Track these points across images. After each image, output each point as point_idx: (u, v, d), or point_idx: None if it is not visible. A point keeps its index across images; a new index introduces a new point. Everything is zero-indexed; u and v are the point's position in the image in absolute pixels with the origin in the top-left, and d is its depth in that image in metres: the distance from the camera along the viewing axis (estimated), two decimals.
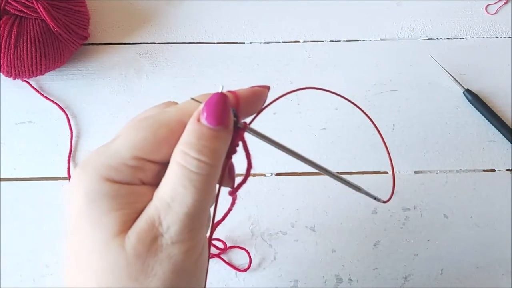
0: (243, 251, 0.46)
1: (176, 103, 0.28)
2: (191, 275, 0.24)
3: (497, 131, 0.50)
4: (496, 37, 0.55)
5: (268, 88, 0.29)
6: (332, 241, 0.47)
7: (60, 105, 0.51)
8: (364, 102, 0.52)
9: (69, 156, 0.49)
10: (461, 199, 0.48)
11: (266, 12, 0.56)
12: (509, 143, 0.50)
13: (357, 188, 0.32)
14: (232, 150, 0.26)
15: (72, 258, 0.24)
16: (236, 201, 0.28)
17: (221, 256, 0.46)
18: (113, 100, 0.52)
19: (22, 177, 0.49)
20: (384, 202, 0.34)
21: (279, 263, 0.46)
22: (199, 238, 0.24)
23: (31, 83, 0.52)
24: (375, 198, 0.33)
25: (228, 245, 0.46)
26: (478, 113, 0.51)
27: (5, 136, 0.50)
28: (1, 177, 0.49)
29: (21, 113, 0.51)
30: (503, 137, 0.50)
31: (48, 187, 0.48)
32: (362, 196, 0.47)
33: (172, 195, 0.23)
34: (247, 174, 0.27)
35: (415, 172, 0.49)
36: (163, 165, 0.25)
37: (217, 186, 0.27)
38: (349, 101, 0.33)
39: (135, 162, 0.24)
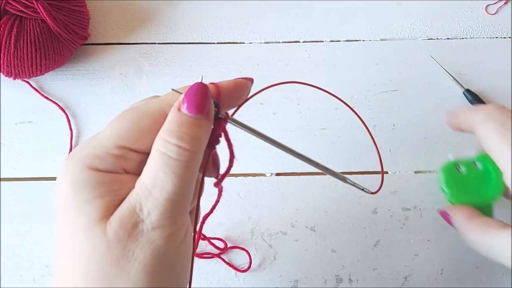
0: (243, 251, 0.46)
1: (159, 96, 0.29)
2: (173, 260, 0.25)
3: None
4: (496, 37, 0.55)
5: (251, 80, 0.30)
6: (332, 241, 0.47)
7: (60, 105, 0.51)
8: (364, 102, 0.52)
9: None
10: None
11: (266, 12, 0.56)
12: None
13: (343, 179, 0.32)
14: (214, 141, 0.27)
15: (59, 245, 0.25)
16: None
17: (221, 256, 0.46)
18: (113, 100, 0.52)
19: (22, 177, 0.49)
20: (372, 193, 0.33)
21: (279, 263, 0.46)
22: (180, 223, 0.25)
23: (31, 83, 0.52)
24: (362, 189, 0.33)
25: (228, 245, 0.46)
26: None
27: (5, 136, 0.50)
28: (1, 177, 0.49)
29: (21, 113, 0.51)
30: None
31: (48, 187, 0.48)
32: (362, 196, 0.48)
33: (152, 181, 0.24)
34: (230, 164, 0.27)
35: (415, 172, 0.49)
36: (146, 155, 0.25)
37: (201, 175, 0.27)
38: (335, 96, 0.34)
39: (118, 151, 0.25)
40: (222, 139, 0.27)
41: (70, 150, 0.49)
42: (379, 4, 0.56)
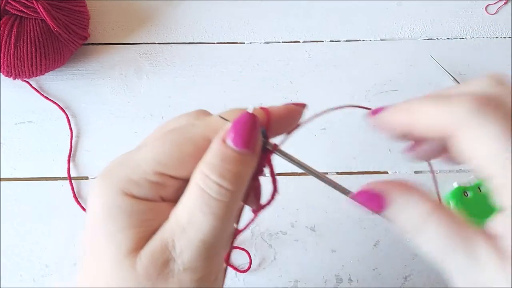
0: (243, 251, 0.46)
1: (207, 113, 0.27)
2: None
3: None
4: (496, 37, 0.55)
5: (304, 106, 0.27)
6: (332, 241, 0.47)
7: (60, 105, 0.51)
8: (364, 102, 0.52)
9: (69, 156, 0.49)
10: None
11: (266, 12, 0.56)
12: None
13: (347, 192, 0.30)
14: (258, 171, 0.25)
15: (85, 269, 0.24)
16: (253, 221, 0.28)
17: None
18: (113, 100, 0.52)
19: (22, 177, 0.49)
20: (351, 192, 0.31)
21: (279, 263, 0.46)
22: (213, 266, 0.23)
23: (31, 83, 0.52)
24: (344, 192, 0.30)
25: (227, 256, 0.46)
26: None
27: (5, 136, 0.50)
28: (1, 177, 0.49)
29: (21, 113, 0.51)
30: None
31: (48, 187, 0.48)
32: None
33: (188, 219, 0.22)
34: (272, 197, 0.26)
35: (415, 172, 0.49)
36: (185, 182, 0.23)
37: (242, 204, 0.25)
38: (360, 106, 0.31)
39: (157, 177, 0.23)
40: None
41: (70, 150, 0.49)
42: (379, 4, 0.56)
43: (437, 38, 0.55)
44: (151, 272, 0.22)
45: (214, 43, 0.55)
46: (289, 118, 0.26)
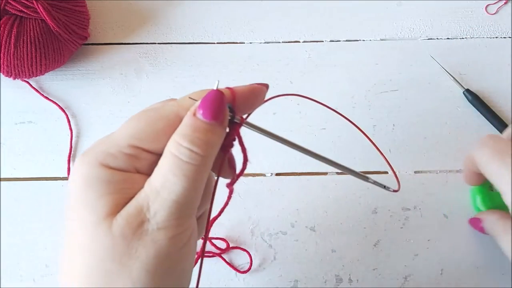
0: (243, 251, 0.46)
1: (176, 100, 0.29)
2: (175, 261, 0.25)
3: (497, 131, 0.50)
4: (496, 37, 0.55)
5: (266, 86, 0.30)
6: (332, 241, 0.47)
7: (60, 105, 0.51)
8: (364, 102, 0.52)
9: (69, 156, 0.49)
10: (461, 199, 0.48)
11: (266, 12, 0.56)
12: None
13: (365, 178, 0.33)
14: (229, 144, 0.27)
15: (67, 237, 0.26)
16: (233, 195, 0.29)
17: (222, 255, 0.46)
18: (113, 100, 0.52)
19: (22, 177, 0.49)
20: (395, 191, 0.34)
21: (279, 263, 0.46)
22: (186, 226, 0.25)
23: (31, 83, 0.52)
24: (384, 187, 0.34)
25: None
26: (478, 113, 0.51)
27: (5, 136, 0.50)
28: (1, 177, 0.49)
29: (21, 113, 0.51)
30: None
31: (48, 187, 0.48)
32: (362, 196, 0.48)
33: (162, 182, 0.24)
34: (244, 167, 0.28)
35: (415, 172, 0.49)
36: (158, 156, 0.25)
37: (216, 177, 0.28)
38: (328, 107, 0.34)
39: (132, 150, 0.25)
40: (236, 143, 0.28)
41: (70, 150, 0.49)
42: (379, 4, 0.56)
43: (437, 38, 0.55)
44: (126, 232, 0.24)
45: (214, 43, 0.55)
46: (253, 96, 0.29)
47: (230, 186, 0.29)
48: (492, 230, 0.41)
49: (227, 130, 0.27)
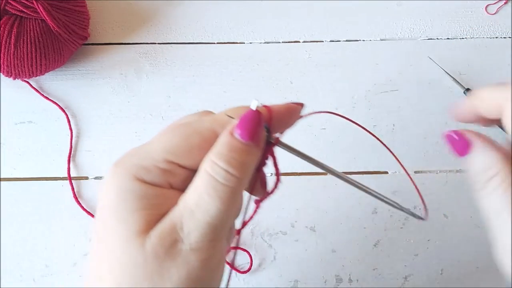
0: (244, 252, 0.46)
1: (212, 113, 0.29)
2: (205, 284, 0.25)
3: (497, 131, 0.50)
4: (496, 37, 0.55)
5: (302, 105, 0.30)
6: (332, 241, 0.47)
7: (60, 105, 0.51)
8: (364, 102, 0.52)
9: (69, 156, 0.49)
10: (461, 199, 0.48)
11: (266, 12, 0.56)
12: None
13: (392, 204, 0.31)
14: (262, 163, 0.27)
15: (96, 249, 0.25)
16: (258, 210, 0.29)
17: None
18: (113, 100, 0.52)
19: (22, 177, 0.49)
20: (421, 218, 0.32)
21: (279, 263, 0.46)
22: (218, 248, 0.25)
23: (31, 83, 0.52)
24: (412, 214, 0.31)
25: (230, 246, 0.46)
26: None
27: (5, 136, 0.50)
28: (1, 177, 0.49)
29: (21, 113, 0.51)
30: (504, 137, 0.50)
31: (48, 187, 0.48)
32: (362, 196, 0.47)
33: (196, 202, 0.24)
34: (275, 187, 0.28)
35: (415, 172, 0.49)
36: (192, 172, 0.25)
37: (247, 195, 0.27)
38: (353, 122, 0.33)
39: (166, 165, 0.25)
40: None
41: (70, 150, 0.50)
42: (379, 4, 0.56)
43: (437, 38, 0.55)
44: (159, 251, 0.23)
45: (214, 43, 0.55)
46: (289, 115, 0.29)
47: (258, 202, 0.29)
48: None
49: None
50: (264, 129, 0.26)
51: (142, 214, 0.24)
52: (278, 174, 0.28)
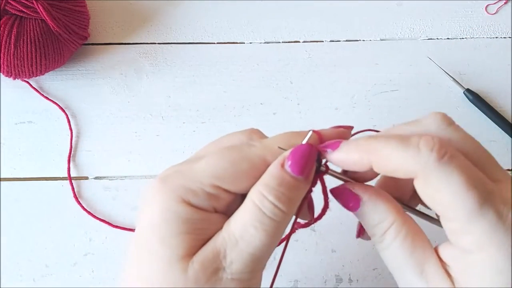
0: None
1: (260, 133, 0.29)
2: None
3: (497, 131, 0.50)
4: (496, 37, 0.55)
5: (351, 128, 0.29)
6: (332, 241, 0.47)
7: (60, 105, 0.51)
8: (364, 102, 0.52)
9: (69, 156, 0.49)
10: None
11: (266, 12, 0.56)
12: (510, 142, 0.50)
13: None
14: (310, 190, 0.27)
15: (135, 267, 0.25)
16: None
17: None
18: (113, 100, 0.52)
19: (22, 177, 0.49)
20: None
21: None
22: (257, 278, 0.25)
23: (31, 83, 0.52)
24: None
25: None
26: (478, 113, 0.51)
27: (5, 136, 0.50)
28: (1, 177, 0.49)
29: (21, 113, 0.51)
30: (504, 137, 0.50)
31: (48, 187, 0.48)
32: None
33: (241, 233, 0.24)
34: (323, 213, 0.28)
35: None
36: (238, 196, 0.25)
37: (293, 218, 0.27)
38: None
39: (213, 190, 0.25)
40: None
41: (70, 150, 0.49)
42: (379, 4, 0.56)
43: (437, 38, 0.55)
44: (200, 277, 0.23)
45: (214, 43, 0.55)
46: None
47: (303, 227, 0.29)
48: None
49: None
50: (315, 163, 0.25)
51: (186, 238, 0.24)
52: (326, 200, 0.28)
